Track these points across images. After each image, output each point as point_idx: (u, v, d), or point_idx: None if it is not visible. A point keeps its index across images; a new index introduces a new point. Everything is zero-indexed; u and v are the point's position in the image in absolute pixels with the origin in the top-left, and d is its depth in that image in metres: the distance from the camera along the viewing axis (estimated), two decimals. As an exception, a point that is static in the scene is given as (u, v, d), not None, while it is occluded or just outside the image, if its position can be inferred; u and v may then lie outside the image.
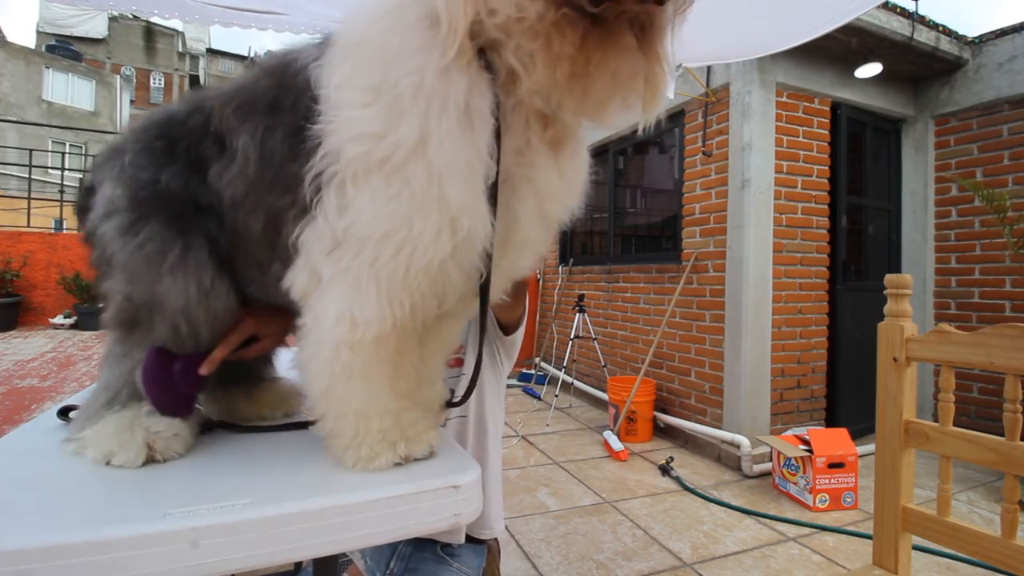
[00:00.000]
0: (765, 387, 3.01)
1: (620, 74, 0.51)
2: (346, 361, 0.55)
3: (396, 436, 0.60)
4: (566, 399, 4.46)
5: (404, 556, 1.16)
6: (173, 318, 0.62)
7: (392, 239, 0.50)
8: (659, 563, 1.99)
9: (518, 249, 0.60)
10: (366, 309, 0.53)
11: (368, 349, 0.55)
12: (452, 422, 1.20)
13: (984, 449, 0.92)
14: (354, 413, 0.58)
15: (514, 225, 0.57)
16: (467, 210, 0.50)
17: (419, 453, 0.62)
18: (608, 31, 0.48)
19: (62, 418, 0.75)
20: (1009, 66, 3.15)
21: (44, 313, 4.54)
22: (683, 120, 3.57)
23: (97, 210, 0.64)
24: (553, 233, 0.65)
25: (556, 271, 5.29)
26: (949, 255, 3.49)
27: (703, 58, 2.64)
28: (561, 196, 0.59)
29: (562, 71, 0.48)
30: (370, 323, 0.53)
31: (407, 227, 0.50)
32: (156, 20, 18.07)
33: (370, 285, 0.52)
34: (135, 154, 0.64)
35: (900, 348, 1.05)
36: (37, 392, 2.95)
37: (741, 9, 1.93)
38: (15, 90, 14.64)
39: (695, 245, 3.38)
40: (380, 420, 0.59)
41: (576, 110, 0.53)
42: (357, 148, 0.51)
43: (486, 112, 0.51)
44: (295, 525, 0.49)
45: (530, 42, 0.48)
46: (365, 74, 0.52)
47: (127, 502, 0.51)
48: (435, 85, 0.50)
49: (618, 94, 0.52)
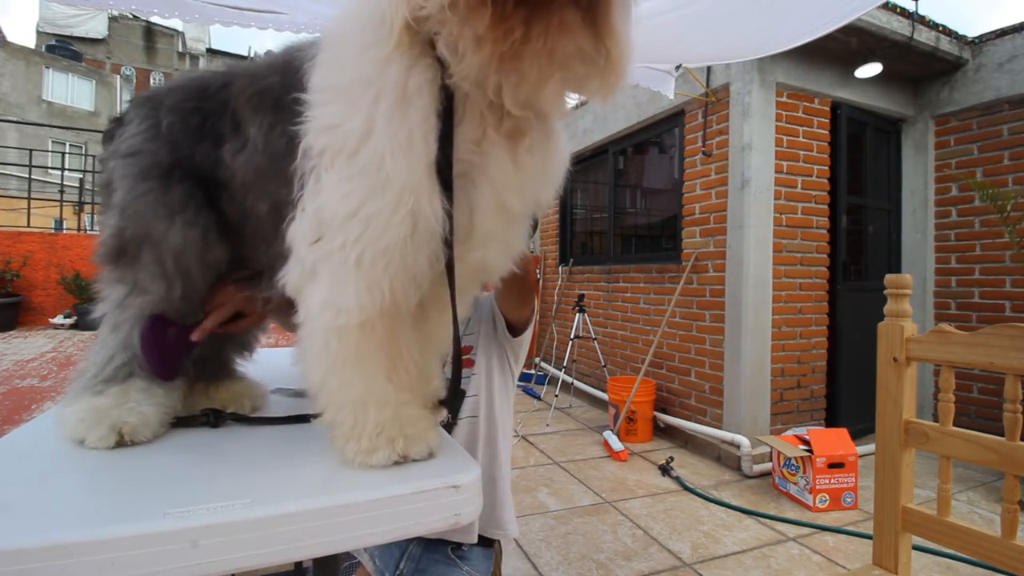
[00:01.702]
0: (765, 387, 3.01)
1: (559, 53, 0.49)
2: (336, 350, 0.56)
3: (395, 432, 0.59)
4: (566, 399, 4.46)
5: (414, 557, 1.16)
6: (163, 257, 0.66)
7: (354, 219, 0.52)
8: (659, 563, 1.99)
9: (483, 241, 0.59)
10: (346, 295, 0.54)
11: (355, 336, 0.56)
12: (463, 422, 1.21)
13: (984, 449, 0.92)
14: (351, 403, 0.58)
15: (473, 216, 0.56)
16: (410, 188, 0.51)
17: (417, 453, 0.61)
18: (543, 9, 0.46)
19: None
20: (1009, 66, 3.15)
21: (44, 313, 4.54)
22: (683, 120, 3.57)
23: (120, 144, 0.70)
24: (522, 228, 0.64)
25: (556, 271, 5.29)
26: (949, 255, 3.49)
27: (703, 58, 2.63)
28: (520, 189, 0.57)
29: (490, 54, 0.47)
30: (351, 309, 0.54)
31: (364, 208, 0.52)
32: (156, 20, 18.09)
33: (347, 271, 0.54)
34: (170, 120, 0.69)
35: (900, 348, 1.05)
36: (37, 392, 2.95)
37: (741, 9, 1.92)
38: (15, 90, 14.65)
39: (695, 245, 3.38)
40: (378, 411, 0.59)
41: (514, 94, 0.51)
42: (322, 141, 0.54)
43: (423, 96, 0.52)
44: (295, 525, 0.49)
45: (456, 28, 0.48)
46: (330, 73, 0.55)
47: (127, 502, 0.51)
48: (375, 76, 0.53)
49: (557, 74, 0.50)
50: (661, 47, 2.33)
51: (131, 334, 0.68)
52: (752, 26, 2.05)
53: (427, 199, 0.52)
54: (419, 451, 0.61)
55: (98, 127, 16.20)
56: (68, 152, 14.06)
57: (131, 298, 0.68)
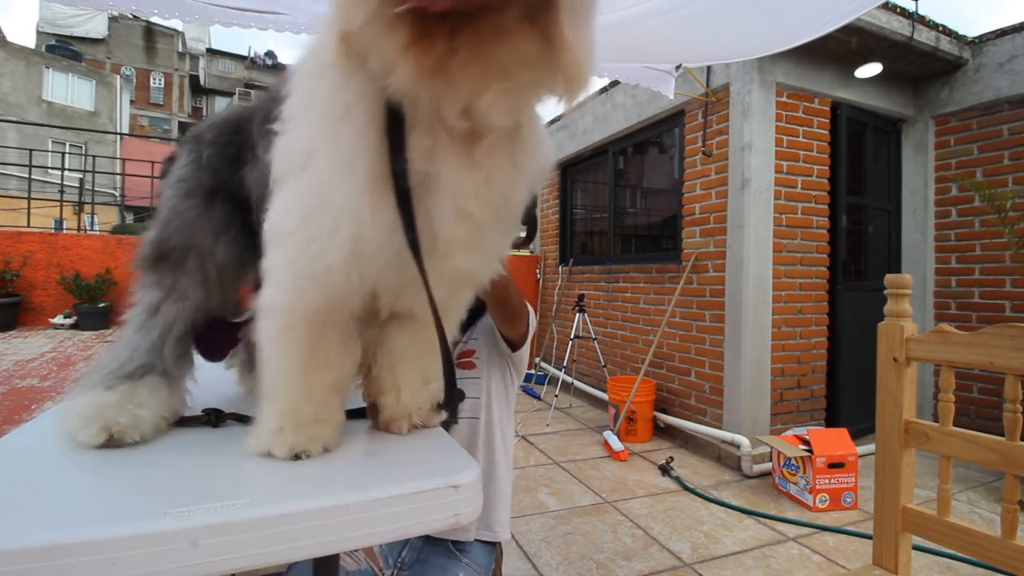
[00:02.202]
0: (765, 387, 3.01)
1: (495, 62, 0.47)
2: (265, 342, 0.61)
3: (289, 425, 0.62)
4: (566, 399, 4.46)
5: (416, 547, 1.19)
6: (206, 266, 0.72)
7: (296, 236, 0.55)
8: (659, 563, 1.99)
9: (450, 249, 0.58)
10: (278, 297, 0.59)
11: (280, 333, 0.60)
12: (463, 423, 1.23)
13: (984, 449, 0.92)
14: (268, 396, 0.63)
15: (433, 225, 0.56)
16: (350, 209, 0.52)
17: (306, 449, 0.62)
18: (469, 20, 0.44)
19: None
20: (1009, 66, 3.15)
21: (44, 313, 4.54)
22: (683, 120, 3.57)
23: (171, 177, 0.78)
24: (500, 233, 0.62)
25: (556, 271, 5.30)
26: (949, 255, 3.49)
27: (703, 58, 2.64)
28: (479, 193, 0.55)
29: (415, 68, 0.46)
30: (278, 309, 0.59)
31: (307, 228, 0.54)
32: (156, 20, 18.06)
33: (284, 277, 0.58)
34: (210, 153, 0.76)
35: (900, 348, 1.05)
36: (37, 392, 2.95)
37: (741, 9, 1.93)
38: (15, 90, 14.64)
39: (695, 245, 3.38)
40: (278, 402, 0.62)
41: (451, 106, 0.50)
42: (278, 164, 0.57)
43: (361, 112, 0.52)
44: (295, 525, 0.49)
45: (379, 44, 0.47)
46: (289, 97, 0.57)
47: (127, 502, 0.51)
48: (316, 97, 0.54)
49: (495, 84, 0.48)
50: (661, 47, 2.34)
51: (161, 336, 0.71)
52: (752, 26, 2.06)
53: (369, 218, 0.52)
54: (314, 448, 0.62)
55: (98, 127, 16.22)
56: (68, 152, 14.06)
57: (167, 303, 0.72)
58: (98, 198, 13.38)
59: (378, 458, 0.66)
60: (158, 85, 22.28)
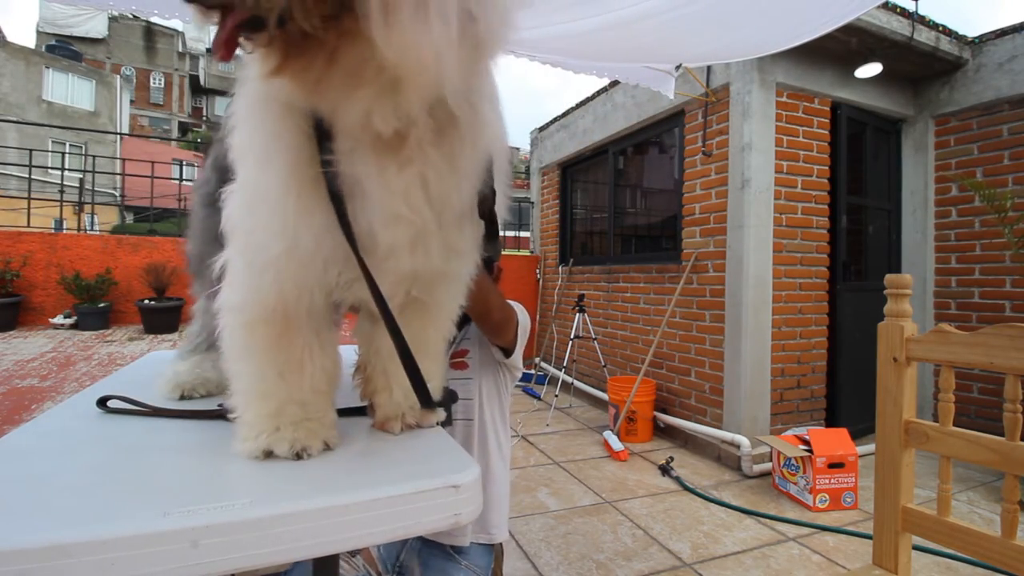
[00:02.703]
0: (765, 387, 3.01)
1: (347, 70, 0.48)
2: (230, 344, 0.63)
3: (269, 427, 0.62)
4: (566, 399, 4.46)
5: (414, 549, 1.19)
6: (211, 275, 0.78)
7: (242, 231, 0.59)
8: (659, 563, 1.99)
9: (390, 251, 0.58)
10: (235, 297, 0.61)
11: (244, 333, 0.62)
12: (458, 424, 1.23)
13: (984, 449, 0.92)
14: (241, 393, 0.63)
15: (371, 227, 0.57)
16: (282, 208, 0.55)
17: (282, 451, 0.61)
18: (307, 39, 0.46)
19: (101, 407, 0.80)
20: (1009, 66, 3.15)
21: (44, 313, 4.53)
22: (683, 120, 3.57)
23: (196, 180, 0.88)
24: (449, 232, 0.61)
25: (556, 271, 5.30)
26: (949, 255, 3.49)
27: (703, 58, 2.64)
28: (410, 196, 0.55)
29: (293, 85, 0.49)
30: (240, 309, 0.61)
31: (249, 221, 0.58)
32: (156, 20, 18.07)
33: (240, 275, 0.61)
34: (217, 153, 0.78)
35: (900, 348, 1.05)
36: (37, 392, 2.95)
37: (741, 9, 1.93)
38: (15, 90, 14.63)
39: (695, 245, 3.38)
40: (261, 405, 0.62)
41: (337, 117, 0.51)
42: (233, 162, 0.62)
43: (286, 121, 0.54)
44: (295, 525, 0.49)
45: (259, 67, 0.49)
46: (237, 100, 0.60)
47: (127, 502, 0.51)
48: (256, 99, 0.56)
49: (358, 91, 0.48)
50: (661, 47, 2.34)
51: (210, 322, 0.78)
52: (752, 26, 2.06)
53: (298, 215, 0.54)
54: (283, 449, 0.61)
55: (98, 127, 16.22)
56: (68, 152, 14.04)
57: (208, 300, 0.84)
58: (98, 198, 13.37)
59: (378, 458, 0.66)
60: (158, 85, 22.29)
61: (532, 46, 2.26)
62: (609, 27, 1.97)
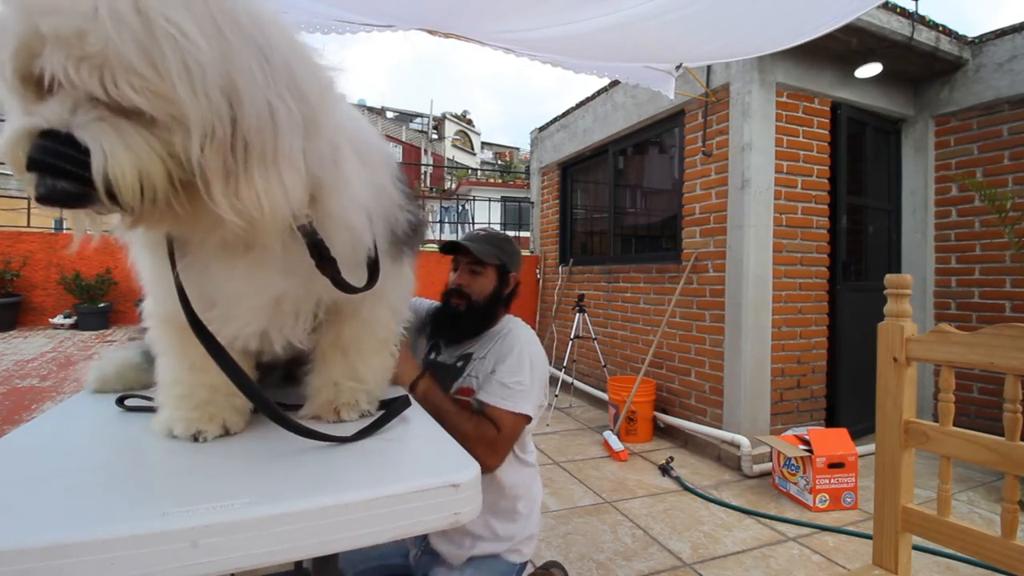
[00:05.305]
0: (765, 387, 3.01)
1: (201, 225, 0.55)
2: (151, 340, 0.78)
3: (180, 413, 0.70)
4: (566, 399, 4.46)
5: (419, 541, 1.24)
6: None
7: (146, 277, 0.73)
8: (659, 563, 1.99)
9: (226, 318, 0.69)
10: (149, 304, 0.75)
11: (157, 333, 0.76)
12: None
13: (984, 449, 0.92)
14: (160, 381, 0.76)
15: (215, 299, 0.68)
16: (158, 289, 0.71)
17: (182, 432, 0.68)
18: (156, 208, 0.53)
19: (120, 405, 0.83)
20: (1009, 66, 3.15)
21: (44, 313, 4.53)
22: (683, 120, 3.57)
23: None
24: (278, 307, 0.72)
25: (556, 271, 5.29)
26: (949, 255, 3.49)
27: (703, 58, 2.64)
28: (227, 283, 0.67)
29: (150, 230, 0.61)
30: (152, 315, 0.75)
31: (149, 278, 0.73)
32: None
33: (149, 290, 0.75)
34: None
35: (900, 348, 1.05)
36: (37, 392, 2.95)
37: (741, 10, 1.93)
38: (15, 90, 14.63)
39: (695, 245, 3.38)
40: (172, 388, 0.73)
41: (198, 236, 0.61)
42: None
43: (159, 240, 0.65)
44: (295, 524, 0.49)
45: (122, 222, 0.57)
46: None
47: (127, 502, 0.51)
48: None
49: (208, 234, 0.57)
50: (661, 47, 2.34)
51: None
52: (752, 26, 2.06)
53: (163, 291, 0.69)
54: (179, 430, 0.69)
55: (98, 127, 16.35)
56: (68, 152, 14.03)
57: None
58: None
59: (378, 458, 0.66)
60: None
61: (532, 46, 2.26)
62: (610, 28, 1.97)
